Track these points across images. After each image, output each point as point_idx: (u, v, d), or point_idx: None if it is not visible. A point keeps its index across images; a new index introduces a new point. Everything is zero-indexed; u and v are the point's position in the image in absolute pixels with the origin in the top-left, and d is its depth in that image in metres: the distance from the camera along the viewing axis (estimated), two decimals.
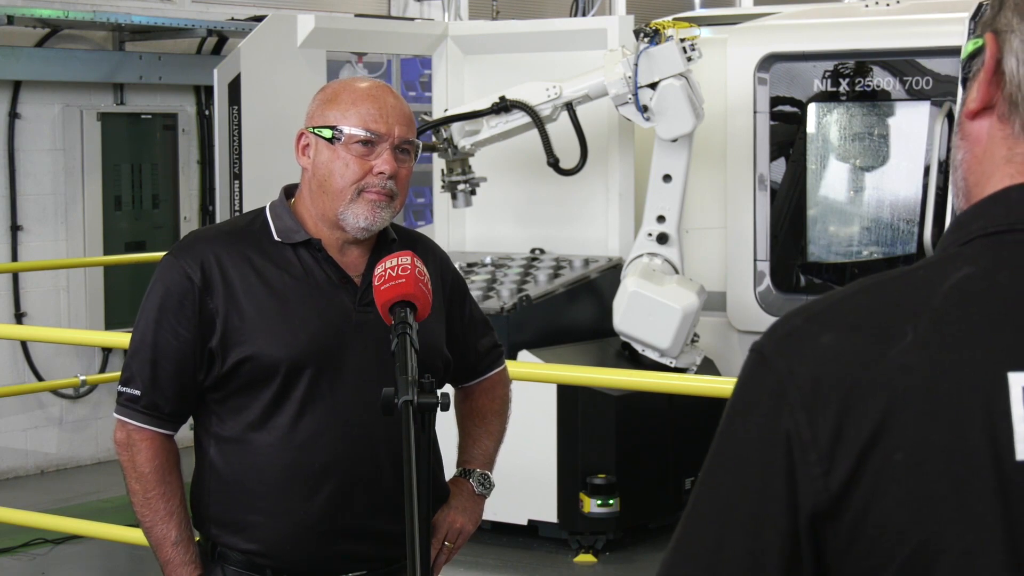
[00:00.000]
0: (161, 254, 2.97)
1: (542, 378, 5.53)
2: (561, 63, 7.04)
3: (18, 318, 8.25)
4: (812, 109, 7.02)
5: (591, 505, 6.39)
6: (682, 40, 6.44)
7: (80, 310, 8.41)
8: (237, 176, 6.63)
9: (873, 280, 1.39)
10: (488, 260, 7.28)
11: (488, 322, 3.21)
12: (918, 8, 7.07)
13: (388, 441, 2.79)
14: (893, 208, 6.93)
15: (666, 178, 6.70)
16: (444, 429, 2.96)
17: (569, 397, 6.41)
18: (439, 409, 2.37)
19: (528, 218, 7.49)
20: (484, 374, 3.18)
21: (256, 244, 2.88)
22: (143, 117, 8.68)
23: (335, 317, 2.84)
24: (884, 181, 7.00)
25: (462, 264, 7.16)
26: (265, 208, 2.95)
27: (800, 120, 7.05)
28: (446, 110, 7.14)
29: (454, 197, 6.87)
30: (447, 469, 3.11)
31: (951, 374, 1.31)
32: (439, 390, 2.43)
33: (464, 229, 7.71)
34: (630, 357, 6.73)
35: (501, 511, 6.10)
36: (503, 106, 6.65)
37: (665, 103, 6.42)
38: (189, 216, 8.88)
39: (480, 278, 6.90)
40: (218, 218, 6.92)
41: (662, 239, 6.73)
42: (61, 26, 8.22)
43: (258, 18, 8.04)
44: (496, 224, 7.56)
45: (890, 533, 1.30)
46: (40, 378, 8.30)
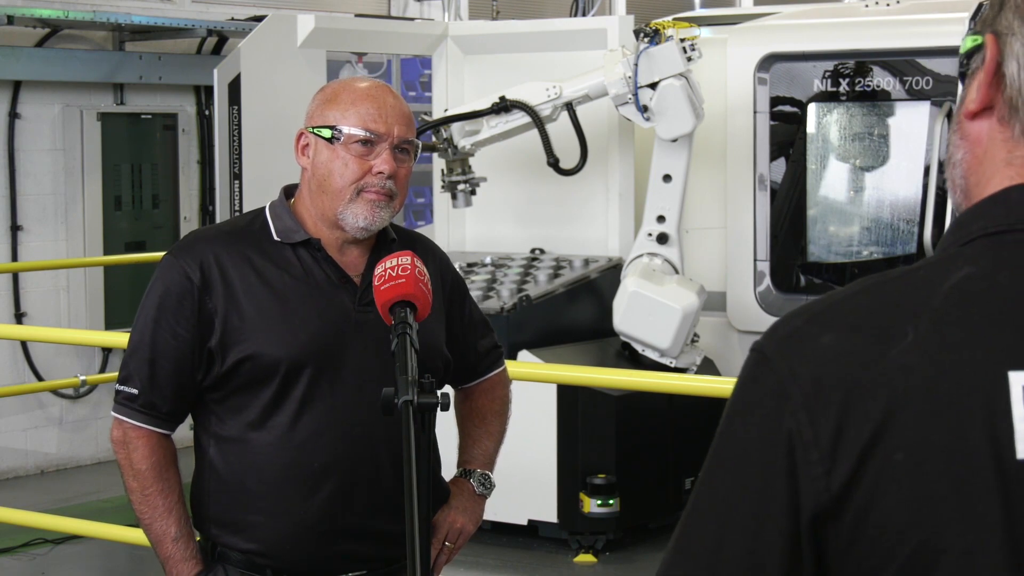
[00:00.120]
0: (161, 254, 2.97)
1: (542, 378, 5.53)
2: (561, 63, 7.03)
3: (18, 318, 8.25)
4: (812, 109, 7.02)
5: (591, 505, 6.38)
6: (682, 40, 6.44)
7: (80, 310, 8.41)
8: (237, 176, 6.63)
9: (873, 280, 1.39)
10: (488, 260, 7.28)
11: (488, 323, 3.21)
12: (918, 8, 7.07)
13: (388, 441, 2.79)
14: (893, 208, 6.92)
15: (666, 178, 6.70)
16: (444, 430, 2.96)
17: (569, 397, 6.40)
18: (439, 409, 2.37)
19: (528, 218, 7.48)
20: (484, 375, 3.18)
21: (256, 244, 2.87)
22: (143, 117, 8.68)
23: (335, 317, 2.84)
24: (884, 181, 6.99)
25: (462, 264, 7.16)
26: (265, 208, 2.95)
27: (800, 120, 7.05)
28: (446, 110, 7.14)
29: (454, 197, 6.87)
30: (448, 469, 3.11)
31: (951, 374, 1.31)
32: (439, 390, 2.43)
33: (464, 229, 7.71)
34: (630, 357, 6.73)
35: (501, 511, 6.09)
36: (503, 106, 6.64)
37: (665, 103, 6.42)
38: (189, 216, 8.88)
39: (480, 278, 6.89)
40: (218, 218, 6.92)
41: (662, 239, 6.73)
42: (61, 26, 8.21)
43: (258, 18, 8.04)
44: (496, 224, 7.56)
45: (891, 533, 1.30)
46: (40, 378, 8.30)
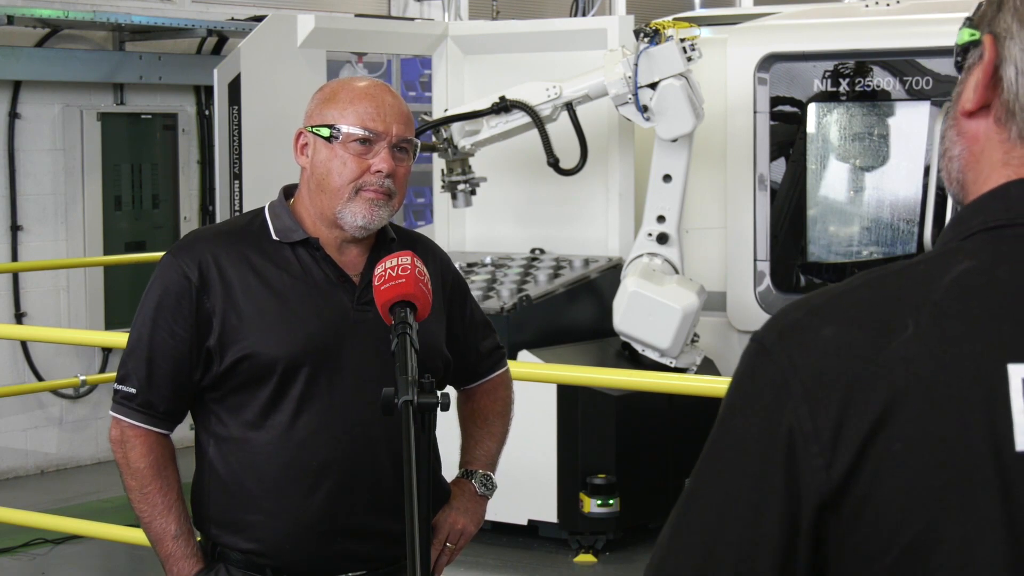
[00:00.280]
0: (161, 254, 2.97)
1: (542, 378, 5.52)
2: (561, 63, 7.03)
3: (18, 318, 8.25)
4: (812, 109, 7.02)
5: (591, 505, 6.38)
6: (682, 40, 6.44)
7: (80, 310, 8.41)
8: (237, 176, 6.63)
9: (874, 274, 1.40)
10: (488, 260, 7.28)
11: (490, 324, 3.20)
12: (918, 8, 7.07)
13: (387, 440, 2.78)
14: (893, 208, 6.93)
15: (666, 178, 6.69)
16: (446, 430, 2.95)
17: (569, 397, 6.40)
18: (439, 409, 2.36)
19: (528, 218, 7.48)
20: (485, 376, 3.17)
21: (255, 243, 2.87)
22: (143, 117, 8.68)
23: (333, 316, 2.84)
24: (884, 181, 6.99)
25: (462, 264, 7.15)
26: (264, 208, 2.95)
27: (800, 120, 7.05)
28: (446, 110, 7.14)
29: (454, 197, 6.87)
30: (449, 470, 3.10)
31: (951, 366, 1.31)
32: (439, 390, 2.43)
33: (464, 229, 7.71)
34: (630, 357, 6.73)
35: (501, 511, 6.08)
36: (503, 106, 6.64)
37: (665, 103, 6.42)
38: (189, 216, 8.88)
39: (480, 278, 6.89)
40: (218, 218, 6.92)
41: (662, 239, 6.73)
42: (61, 26, 8.21)
43: (258, 18, 8.04)
44: (496, 224, 7.56)
45: (889, 523, 1.31)
46: (40, 378, 8.30)
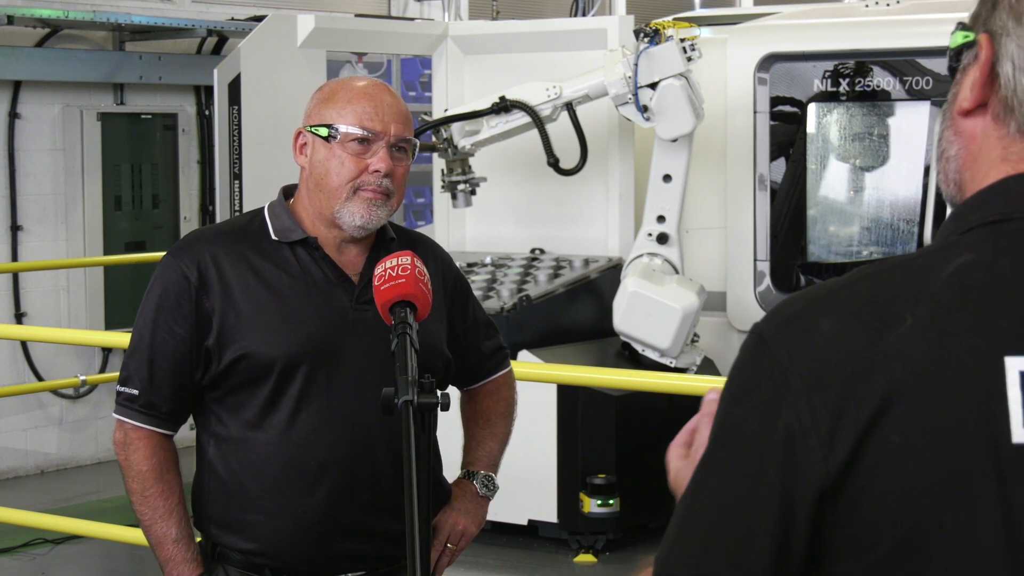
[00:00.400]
0: (161, 254, 2.98)
1: (542, 378, 5.52)
2: (561, 63, 7.03)
3: (18, 318, 8.25)
4: (812, 109, 7.02)
5: (591, 505, 6.38)
6: (682, 40, 6.44)
7: (80, 310, 8.41)
8: (237, 176, 6.63)
9: (873, 268, 1.40)
10: (488, 260, 7.28)
11: (493, 324, 3.20)
12: (918, 8, 7.07)
13: (387, 439, 2.78)
14: (893, 208, 6.93)
15: (666, 178, 6.69)
16: (447, 431, 2.95)
17: (569, 397, 6.40)
18: (439, 409, 2.36)
19: (528, 218, 7.48)
20: (488, 377, 3.16)
21: (254, 243, 2.87)
22: (143, 117, 8.68)
23: (332, 315, 2.84)
24: (884, 181, 7.00)
25: (462, 264, 7.15)
26: (264, 208, 2.95)
27: (800, 120, 7.05)
28: (446, 110, 7.14)
29: (454, 197, 6.87)
30: (451, 471, 3.10)
31: (949, 359, 1.32)
32: (441, 391, 2.42)
33: (464, 229, 7.71)
34: (630, 357, 6.73)
35: (501, 511, 6.09)
36: (503, 106, 6.64)
37: (665, 103, 6.42)
38: (189, 216, 8.88)
39: (480, 278, 6.89)
40: (218, 218, 6.92)
41: (662, 239, 6.73)
42: (61, 26, 8.21)
43: (258, 18, 8.04)
44: (496, 224, 7.56)
45: (886, 514, 1.31)
46: (40, 378, 8.30)
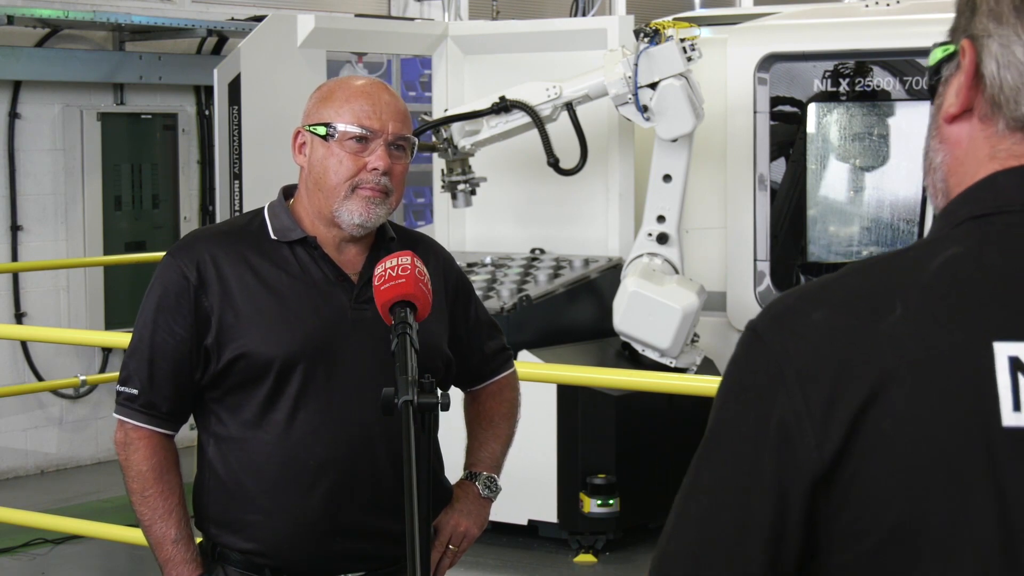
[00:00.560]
0: (161, 254, 2.98)
1: (542, 378, 5.52)
2: (561, 63, 7.03)
3: (18, 318, 8.25)
4: (812, 109, 7.02)
5: (591, 505, 6.38)
6: (682, 40, 6.44)
7: (80, 310, 8.41)
8: (237, 176, 6.63)
9: (864, 262, 1.44)
10: (488, 260, 7.28)
11: (496, 325, 3.19)
12: (918, 8, 7.07)
13: (386, 439, 2.78)
14: (893, 208, 6.93)
15: (666, 178, 6.69)
16: (448, 432, 2.95)
17: (569, 397, 6.40)
18: (440, 409, 2.36)
19: (528, 218, 7.48)
20: (491, 378, 3.15)
21: (253, 243, 2.87)
22: (143, 117, 8.68)
23: (331, 314, 2.83)
24: (884, 181, 7.00)
25: (462, 264, 7.14)
26: (264, 208, 2.96)
27: (800, 120, 7.05)
28: (446, 110, 7.14)
29: (454, 197, 6.87)
30: (453, 472, 3.10)
31: (939, 345, 1.34)
32: (443, 391, 2.42)
33: (464, 229, 7.71)
34: (630, 357, 6.73)
35: (501, 511, 6.04)
36: (503, 106, 6.64)
37: (665, 103, 6.42)
38: (189, 216, 8.88)
39: (480, 278, 6.89)
40: (218, 218, 6.92)
41: (662, 239, 6.73)
42: (61, 26, 8.21)
43: (258, 18, 8.04)
44: (496, 224, 7.56)
45: (879, 499, 1.33)
46: (40, 378, 8.30)
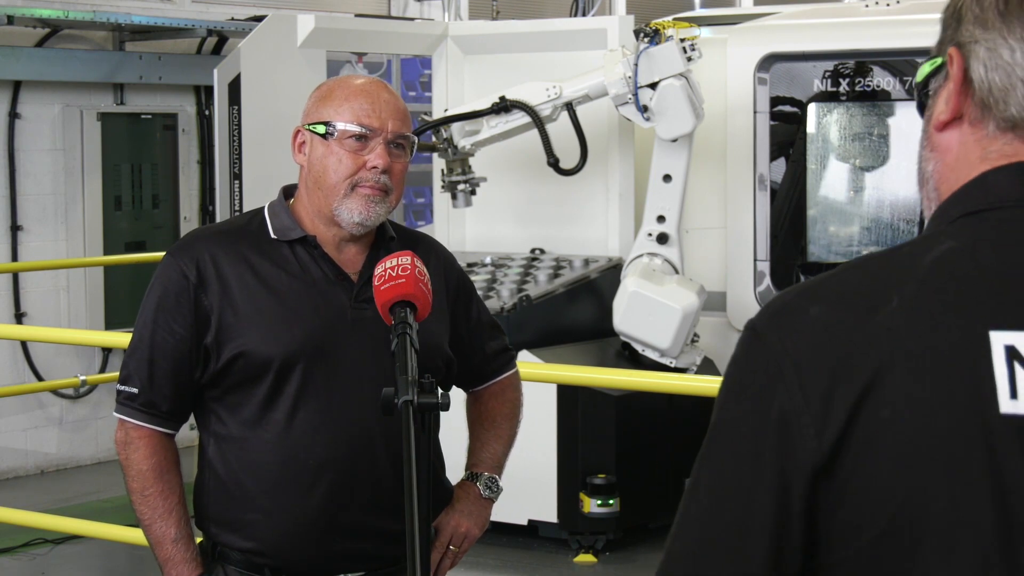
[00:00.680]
0: (161, 254, 2.98)
1: (542, 378, 5.52)
2: (561, 63, 7.03)
3: (18, 318, 8.25)
4: (812, 109, 7.02)
5: (591, 505, 6.38)
6: (682, 40, 6.44)
7: (80, 310, 8.41)
8: (237, 176, 6.63)
9: (861, 258, 1.47)
10: (488, 260, 7.28)
11: (497, 325, 3.20)
12: (918, 8, 7.06)
13: (386, 438, 2.78)
14: (893, 208, 6.93)
15: (666, 178, 6.69)
16: (449, 432, 2.95)
17: (569, 397, 6.40)
18: (440, 409, 2.36)
19: (528, 218, 7.48)
20: (493, 378, 3.16)
21: (253, 242, 2.87)
22: (143, 117, 8.68)
23: (331, 314, 2.84)
24: (884, 181, 7.00)
25: (462, 264, 7.14)
26: (264, 208, 2.96)
27: (800, 120, 7.05)
28: (446, 110, 7.14)
29: (454, 197, 6.87)
30: (454, 472, 3.09)
31: (935, 334, 1.36)
32: (443, 391, 2.42)
33: (464, 229, 7.71)
34: (630, 357, 6.73)
35: (501, 511, 6.02)
36: (503, 106, 6.64)
37: (665, 103, 6.42)
38: (189, 216, 8.88)
39: (480, 278, 6.89)
40: (218, 218, 6.92)
41: (662, 239, 6.73)
42: (61, 26, 8.21)
43: (258, 18, 8.04)
44: (496, 224, 7.56)
45: (879, 489, 1.35)
46: (40, 378, 8.30)
